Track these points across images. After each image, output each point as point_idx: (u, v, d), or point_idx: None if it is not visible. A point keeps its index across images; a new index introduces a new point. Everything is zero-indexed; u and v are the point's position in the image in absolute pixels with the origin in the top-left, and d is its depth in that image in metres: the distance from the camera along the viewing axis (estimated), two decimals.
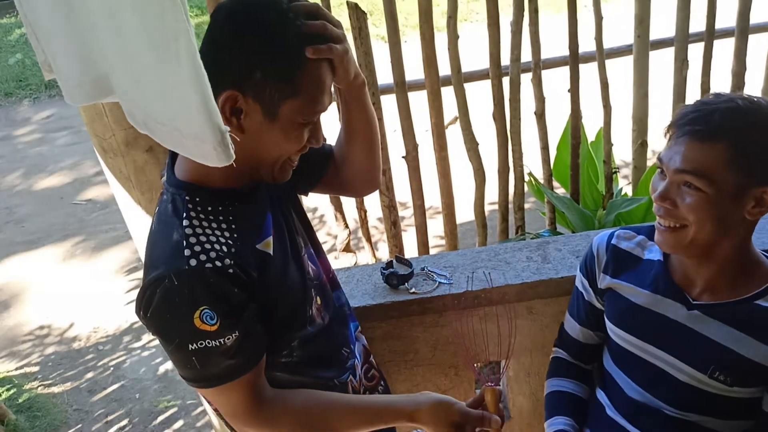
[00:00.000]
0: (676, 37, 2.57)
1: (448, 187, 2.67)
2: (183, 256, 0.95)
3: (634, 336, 1.28)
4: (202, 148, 0.82)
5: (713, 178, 1.06)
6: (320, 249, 1.29)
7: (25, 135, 6.60)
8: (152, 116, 0.87)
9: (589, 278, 1.38)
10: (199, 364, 0.97)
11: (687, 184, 1.09)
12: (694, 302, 1.21)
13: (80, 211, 4.97)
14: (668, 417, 1.25)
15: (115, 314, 3.67)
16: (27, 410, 2.98)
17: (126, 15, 0.78)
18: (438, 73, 2.45)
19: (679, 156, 1.09)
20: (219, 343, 0.96)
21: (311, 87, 0.96)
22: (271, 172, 1.05)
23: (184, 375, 1.01)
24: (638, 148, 2.74)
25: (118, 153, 1.33)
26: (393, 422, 1.13)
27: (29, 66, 7.97)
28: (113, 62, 0.88)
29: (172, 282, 0.93)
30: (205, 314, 0.94)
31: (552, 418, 1.43)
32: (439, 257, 1.74)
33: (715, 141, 1.06)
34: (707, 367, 1.18)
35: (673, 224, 1.13)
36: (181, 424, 2.85)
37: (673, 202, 1.11)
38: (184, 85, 0.76)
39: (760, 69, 2.77)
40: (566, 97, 2.62)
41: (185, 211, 1.00)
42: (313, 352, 1.17)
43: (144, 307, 0.96)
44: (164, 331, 0.98)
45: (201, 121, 0.78)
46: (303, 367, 1.16)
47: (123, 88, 0.91)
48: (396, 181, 2.61)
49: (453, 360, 1.70)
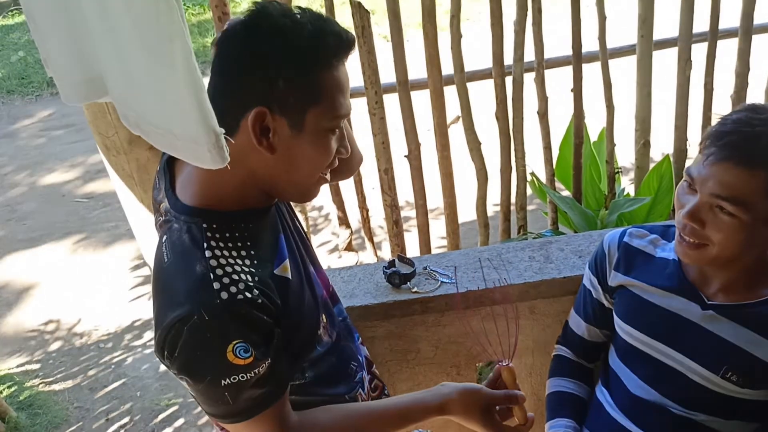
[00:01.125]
0: (680, 37, 2.56)
1: (451, 187, 2.67)
2: (212, 290, 0.90)
3: (645, 334, 1.28)
4: (197, 151, 0.81)
5: (750, 206, 1.03)
6: (318, 263, 1.25)
7: (28, 132, 6.60)
8: (146, 118, 0.87)
9: (598, 276, 1.38)
10: (231, 399, 0.93)
11: (720, 207, 1.06)
12: (709, 302, 1.20)
13: (82, 209, 4.97)
14: (674, 415, 1.25)
15: (117, 312, 3.67)
16: (28, 408, 2.98)
17: (120, 15, 0.77)
18: (441, 72, 2.45)
19: (715, 180, 1.05)
20: (252, 374, 0.92)
21: (332, 89, 0.94)
22: (301, 192, 1.02)
23: (215, 412, 0.96)
24: (641, 148, 2.73)
25: (121, 150, 1.33)
26: (424, 419, 1.12)
27: (32, 64, 7.97)
28: (107, 63, 0.88)
29: (202, 318, 0.88)
30: (238, 348, 0.90)
31: (553, 420, 1.42)
32: (441, 257, 1.74)
33: (757, 169, 1.02)
34: (720, 367, 1.17)
35: (697, 242, 1.11)
36: (182, 422, 2.85)
37: (702, 223, 1.08)
38: (179, 86, 0.76)
39: (763, 70, 2.76)
40: (569, 96, 2.62)
41: (205, 241, 0.94)
42: (324, 371, 1.14)
43: (169, 347, 0.91)
44: (194, 370, 0.92)
45: (195, 123, 0.77)
46: (314, 387, 1.13)
47: (117, 89, 0.90)
48: (398, 181, 2.61)
49: (455, 359, 1.70)
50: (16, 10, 9.63)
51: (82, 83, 0.93)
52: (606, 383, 1.40)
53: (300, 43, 0.90)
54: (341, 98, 0.96)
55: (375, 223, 3.71)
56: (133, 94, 0.85)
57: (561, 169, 2.91)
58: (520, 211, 2.82)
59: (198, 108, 0.76)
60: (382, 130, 2.45)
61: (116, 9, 0.76)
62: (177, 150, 0.86)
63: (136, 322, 3.57)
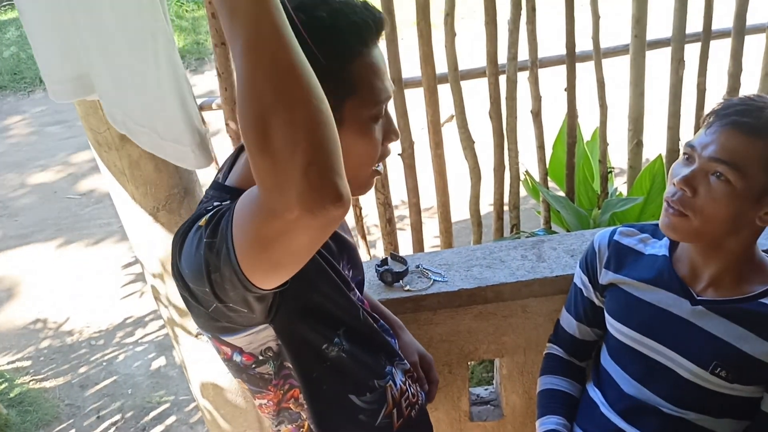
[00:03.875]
0: (673, 37, 2.57)
1: (444, 185, 2.67)
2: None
3: (635, 331, 1.28)
4: (180, 151, 0.80)
5: (746, 174, 1.04)
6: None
7: (19, 129, 6.57)
8: (131, 117, 0.86)
9: (589, 274, 1.38)
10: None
11: (716, 173, 1.07)
12: (698, 298, 1.21)
13: (74, 206, 4.95)
14: (665, 415, 1.25)
15: (108, 309, 3.66)
16: (18, 405, 2.97)
17: (105, 13, 0.77)
18: (435, 70, 2.45)
19: (717, 144, 1.06)
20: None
21: (367, 77, 0.89)
22: (354, 187, 0.92)
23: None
24: (634, 147, 2.74)
25: (113, 147, 1.32)
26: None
27: (24, 60, 7.93)
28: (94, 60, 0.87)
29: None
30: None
31: (544, 417, 1.43)
32: (434, 255, 1.74)
33: (759, 137, 1.04)
34: (709, 363, 1.18)
35: (681, 210, 1.11)
36: (174, 420, 2.84)
37: (695, 190, 1.09)
38: (162, 83, 0.75)
39: (756, 70, 2.77)
40: (563, 96, 2.62)
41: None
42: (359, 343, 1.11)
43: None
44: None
45: (179, 122, 0.77)
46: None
47: (104, 87, 0.90)
48: (392, 179, 2.61)
49: (447, 358, 1.70)
50: (9, 5, 9.57)
51: (68, 81, 0.92)
52: (598, 383, 1.40)
53: (320, 37, 0.84)
54: (378, 83, 0.91)
55: (369, 221, 3.71)
56: (119, 91, 0.85)
57: (554, 169, 2.91)
58: (513, 210, 2.83)
59: (181, 106, 0.75)
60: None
61: (101, 5, 0.75)
62: (161, 149, 0.85)
63: (128, 319, 3.56)
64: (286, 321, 0.99)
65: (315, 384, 1.07)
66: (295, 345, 1.02)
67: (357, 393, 1.12)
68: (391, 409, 1.16)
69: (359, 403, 1.13)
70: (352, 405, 1.12)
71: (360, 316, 1.10)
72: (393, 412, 1.17)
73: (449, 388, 1.75)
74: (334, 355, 1.07)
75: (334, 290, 1.04)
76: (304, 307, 1.01)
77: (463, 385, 1.75)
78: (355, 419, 1.13)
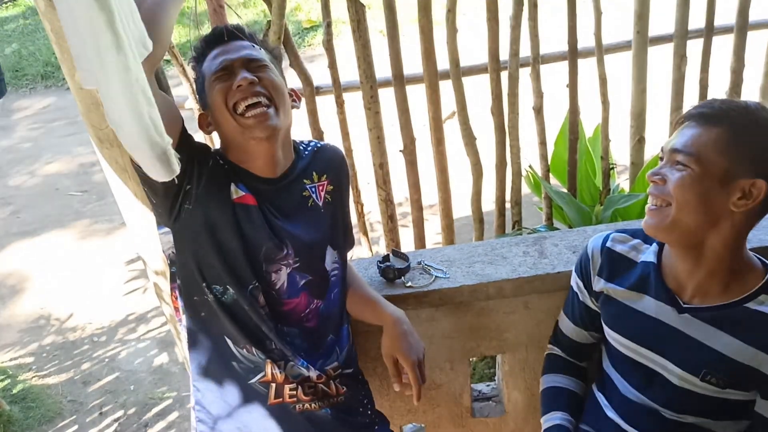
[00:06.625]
0: (675, 33, 2.56)
1: (446, 182, 2.67)
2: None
3: (630, 340, 1.29)
4: (146, 160, 0.80)
5: (700, 158, 1.10)
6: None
7: (22, 125, 6.57)
8: (110, 118, 0.86)
9: (583, 280, 1.39)
10: None
11: (677, 162, 1.13)
12: (684, 305, 1.21)
13: (76, 202, 4.95)
14: (665, 419, 1.26)
15: (111, 306, 3.66)
16: (21, 401, 2.97)
17: (80, 19, 0.77)
18: (436, 66, 2.44)
19: (676, 138, 1.15)
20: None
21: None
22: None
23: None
24: (636, 144, 2.73)
25: (115, 143, 1.32)
26: (374, 309, 1.51)
27: (26, 56, 7.93)
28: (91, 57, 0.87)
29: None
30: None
31: (549, 414, 1.43)
32: (435, 251, 1.74)
33: (713, 125, 1.10)
34: (699, 370, 1.18)
35: (659, 203, 1.16)
36: (176, 416, 2.85)
37: (662, 178, 1.15)
38: (118, 98, 0.75)
39: (758, 66, 2.76)
40: (565, 92, 2.61)
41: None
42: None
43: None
44: None
45: (133, 135, 0.76)
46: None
47: (98, 84, 0.90)
48: (394, 176, 2.60)
49: (449, 354, 1.70)
50: (10, 1, 9.56)
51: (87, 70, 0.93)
52: (602, 386, 1.41)
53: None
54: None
55: (372, 218, 3.71)
56: (102, 92, 0.85)
57: (556, 165, 2.91)
58: (515, 206, 2.82)
59: (136, 120, 0.75)
60: (377, 124, 2.45)
61: (74, 12, 0.75)
62: (135, 155, 0.85)
63: (130, 315, 3.56)
64: (182, 238, 1.23)
65: (194, 308, 1.27)
66: (181, 264, 1.26)
67: (234, 341, 1.27)
68: (269, 381, 1.28)
69: (234, 351, 1.27)
70: (227, 347, 1.27)
71: (247, 287, 1.24)
72: (271, 385, 1.28)
73: (451, 385, 1.75)
74: (212, 299, 1.24)
75: (233, 246, 1.22)
76: (196, 239, 1.21)
77: (465, 381, 1.75)
78: (228, 364, 1.27)
